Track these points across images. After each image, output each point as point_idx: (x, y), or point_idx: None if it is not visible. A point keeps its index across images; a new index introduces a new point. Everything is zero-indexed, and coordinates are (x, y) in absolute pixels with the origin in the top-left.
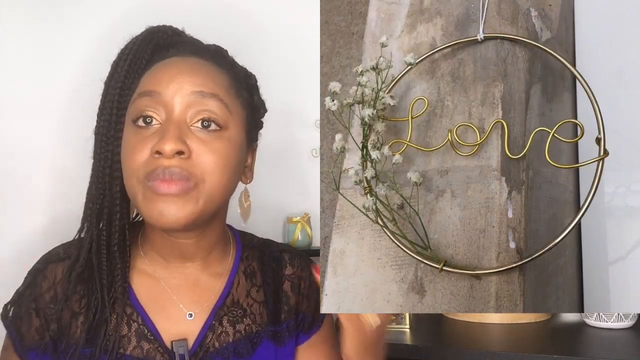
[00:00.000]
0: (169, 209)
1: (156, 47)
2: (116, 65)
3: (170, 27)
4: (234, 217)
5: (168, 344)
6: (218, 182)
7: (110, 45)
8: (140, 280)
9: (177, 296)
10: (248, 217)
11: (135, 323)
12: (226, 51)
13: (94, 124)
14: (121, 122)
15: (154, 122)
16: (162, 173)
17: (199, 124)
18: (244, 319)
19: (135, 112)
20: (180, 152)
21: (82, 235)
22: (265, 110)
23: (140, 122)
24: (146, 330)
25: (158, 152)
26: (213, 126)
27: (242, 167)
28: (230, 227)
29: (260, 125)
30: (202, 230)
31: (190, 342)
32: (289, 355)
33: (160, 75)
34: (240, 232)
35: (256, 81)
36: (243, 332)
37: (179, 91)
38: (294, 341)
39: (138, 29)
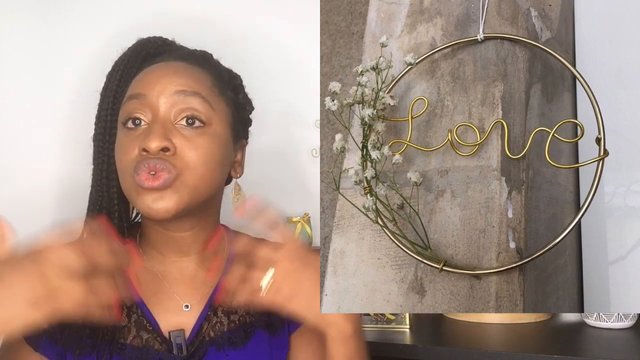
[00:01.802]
0: (155, 202)
1: (147, 56)
2: (110, 76)
3: (160, 37)
4: (234, 218)
5: (166, 334)
6: (201, 173)
7: (107, 58)
8: (139, 275)
9: (174, 289)
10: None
11: (134, 314)
12: (211, 55)
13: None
14: (115, 127)
15: (142, 123)
16: (146, 164)
17: (183, 122)
18: (238, 310)
19: (124, 115)
20: (165, 149)
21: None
22: (252, 108)
23: (130, 124)
24: (145, 321)
25: (145, 150)
26: (197, 123)
27: (229, 162)
28: (225, 227)
29: (248, 123)
30: (196, 222)
31: (187, 332)
32: (282, 345)
33: (147, 79)
34: (235, 232)
35: (241, 81)
36: (237, 322)
37: (163, 92)
38: (287, 330)
39: (133, 42)
